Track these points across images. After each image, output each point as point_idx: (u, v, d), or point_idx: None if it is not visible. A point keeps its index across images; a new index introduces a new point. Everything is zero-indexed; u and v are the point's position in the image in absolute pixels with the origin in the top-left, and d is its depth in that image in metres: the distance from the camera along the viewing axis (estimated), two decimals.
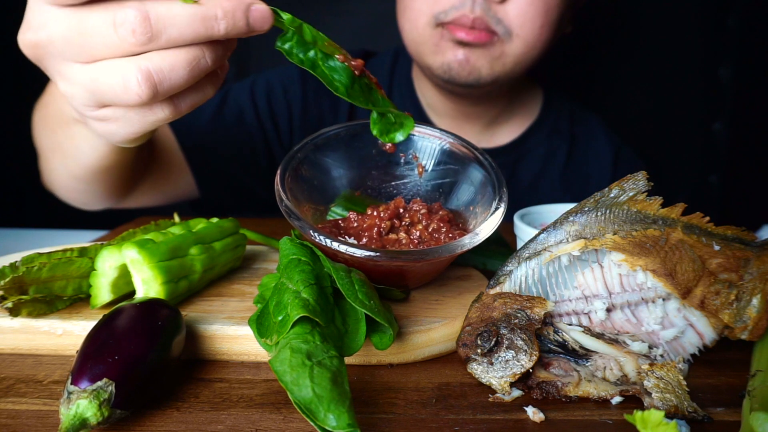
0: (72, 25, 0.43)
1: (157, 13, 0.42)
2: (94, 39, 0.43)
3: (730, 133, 1.71)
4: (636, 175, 0.49)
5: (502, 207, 0.55)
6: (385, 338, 0.45)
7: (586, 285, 0.49)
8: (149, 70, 0.43)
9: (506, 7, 0.86)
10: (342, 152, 0.63)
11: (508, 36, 0.88)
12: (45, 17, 0.44)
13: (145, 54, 0.43)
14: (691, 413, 0.40)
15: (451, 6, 0.86)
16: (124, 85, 0.43)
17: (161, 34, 0.42)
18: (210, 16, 0.43)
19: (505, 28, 0.87)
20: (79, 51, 0.44)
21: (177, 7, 0.42)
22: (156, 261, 0.48)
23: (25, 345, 0.48)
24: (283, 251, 0.49)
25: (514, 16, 0.86)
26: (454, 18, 0.86)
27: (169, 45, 0.43)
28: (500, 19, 0.86)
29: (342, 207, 0.63)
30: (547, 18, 0.89)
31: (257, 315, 0.45)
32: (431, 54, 0.92)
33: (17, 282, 0.47)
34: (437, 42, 0.90)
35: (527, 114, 1.12)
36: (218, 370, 0.46)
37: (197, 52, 0.44)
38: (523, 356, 0.43)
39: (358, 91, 0.54)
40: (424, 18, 0.90)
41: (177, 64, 0.44)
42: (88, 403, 0.35)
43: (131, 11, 0.41)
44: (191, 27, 0.42)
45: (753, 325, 0.46)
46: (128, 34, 0.42)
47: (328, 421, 0.33)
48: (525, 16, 0.87)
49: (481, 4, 0.85)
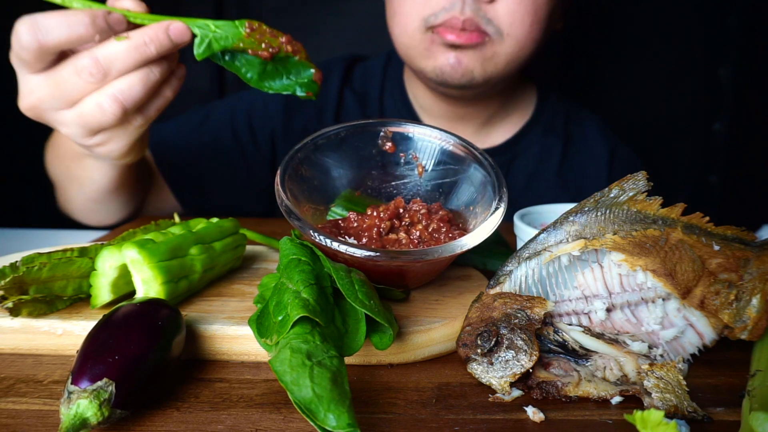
0: (50, 84, 0.58)
1: (103, 55, 0.56)
2: (68, 87, 0.57)
3: (730, 133, 1.71)
4: (636, 175, 0.49)
5: (502, 207, 0.55)
6: (385, 338, 0.45)
7: (586, 285, 0.49)
8: (114, 94, 0.57)
9: (496, 6, 0.86)
10: (342, 152, 0.64)
11: (499, 36, 0.87)
12: (31, 84, 0.59)
13: (107, 85, 0.57)
14: (690, 413, 0.40)
15: (441, 8, 0.86)
16: (101, 110, 0.58)
17: (111, 68, 0.56)
18: (140, 44, 0.56)
19: (495, 28, 0.86)
20: (61, 100, 0.58)
21: (115, 46, 0.56)
22: (156, 261, 0.48)
23: (25, 345, 0.48)
24: (283, 251, 0.49)
25: (504, 16, 0.86)
26: (444, 20, 0.86)
27: (121, 73, 0.57)
28: (490, 20, 0.86)
29: (342, 207, 0.63)
30: (536, 16, 0.88)
31: (257, 315, 0.45)
32: (423, 58, 0.92)
33: (17, 282, 0.47)
34: (428, 46, 0.90)
35: (521, 113, 1.12)
36: (218, 370, 0.46)
37: (144, 70, 0.58)
38: (523, 356, 0.43)
39: (272, 74, 0.61)
40: (414, 22, 0.89)
41: (132, 83, 0.58)
42: (88, 403, 0.35)
43: (85, 59, 0.56)
44: (130, 56, 0.56)
45: (753, 325, 0.46)
46: (88, 76, 0.56)
47: (328, 421, 0.33)
48: (515, 15, 0.86)
49: (471, 5, 0.84)
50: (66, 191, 0.90)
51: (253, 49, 0.60)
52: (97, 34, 0.55)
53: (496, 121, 1.09)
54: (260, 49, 0.60)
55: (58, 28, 0.54)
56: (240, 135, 1.08)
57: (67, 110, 0.59)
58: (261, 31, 0.60)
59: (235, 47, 0.59)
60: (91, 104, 0.58)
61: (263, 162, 1.10)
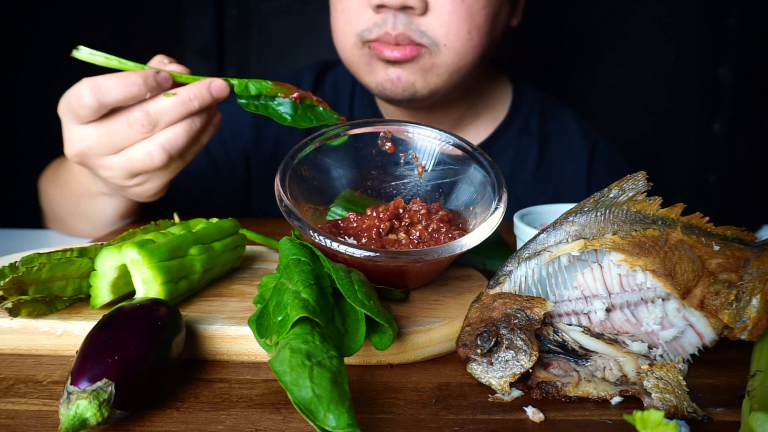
0: (101, 133, 0.65)
1: (154, 109, 0.64)
2: (119, 136, 0.65)
3: (730, 133, 1.71)
4: (635, 175, 0.49)
5: (502, 207, 0.55)
6: (384, 338, 0.45)
7: (586, 285, 0.49)
8: (161, 143, 0.65)
9: (428, 18, 0.83)
10: (342, 152, 0.64)
11: (436, 47, 0.84)
12: (81, 134, 0.66)
13: (155, 134, 0.65)
14: (690, 413, 0.40)
15: (373, 24, 0.84)
16: (150, 157, 0.65)
17: (160, 120, 0.64)
18: (185, 99, 0.64)
19: (430, 39, 0.84)
20: (110, 147, 0.66)
21: (164, 101, 0.64)
22: (156, 261, 0.48)
23: (24, 345, 0.48)
24: (283, 251, 0.49)
25: (438, 27, 0.83)
26: (377, 36, 0.84)
27: (168, 125, 0.65)
28: (424, 32, 0.83)
29: (342, 207, 0.63)
30: (473, 23, 0.85)
31: (257, 315, 0.45)
32: (365, 73, 0.91)
33: (17, 282, 0.47)
34: (368, 61, 0.89)
35: (494, 115, 1.08)
36: (218, 370, 0.46)
37: (188, 121, 0.66)
38: (522, 356, 0.43)
39: (302, 116, 0.69)
40: (350, 39, 0.88)
41: (177, 133, 0.65)
42: (87, 403, 0.35)
43: (137, 113, 0.64)
44: (177, 110, 0.64)
45: (753, 325, 0.46)
46: (140, 127, 0.64)
47: (328, 421, 0.33)
48: (449, 26, 0.83)
49: (403, 20, 0.82)
50: (68, 223, 0.93)
51: (284, 93, 0.68)
52: (148, 93, 0.63)
53: (465, 124, 1.06)
54: (290, 93, 0.68)
55: (116, 88, 0.62)
56: (214, 153, 1.07)
57: (114, 156, 0.67)
58: (284, 85, 0.69)
59: (269, 93, 0.67)
60: (141, 152, 0.65)
61: (236, 178, 1.09)
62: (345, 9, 0.87)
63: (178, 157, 0.68)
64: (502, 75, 1.12)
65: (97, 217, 0.87)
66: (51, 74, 1.68)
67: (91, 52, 0.63)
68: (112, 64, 0.63)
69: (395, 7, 0.81)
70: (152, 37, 1.67)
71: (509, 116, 1.08)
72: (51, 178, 0.95)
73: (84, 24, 1.65)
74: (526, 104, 1.10)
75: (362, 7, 0.85)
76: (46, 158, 1.02)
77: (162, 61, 0.68)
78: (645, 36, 1.68)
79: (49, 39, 1.64)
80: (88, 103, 0.62)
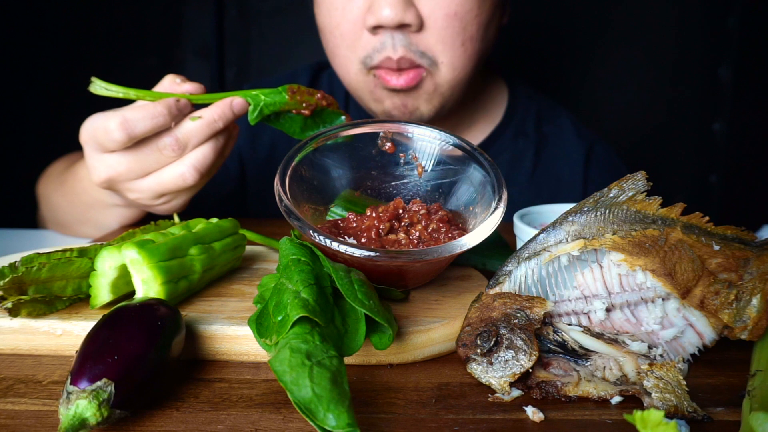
0: (129, 160, 0.68)
1: (182, 133, 0.67)
2: (149, 161, 0.68)
3: (730, 133, 1.71)
4: (635, 175, 0.49)
5: (502, 207, 0.55)
6: (384, 338, 0.45)
7: (586, 285, 0.49)
8: (192, 164, 0.69)
9: (425, 35, 0.83)
10: (342, 152, 0.64)
11: (435, 66, 0.85)
12: (108, 162, 0.68)
13: (185, 156, 0.69)
14: (690, 413, 0.40)
15: (373, 49, 0.84)
16: (183, 179, 0.69)
17: (189, 143, 0.68)
18: (210, 121, 0.68)
19: (429, 59, 0.84)
20: (139, 172, 0.69)
21: (191, 125, 0.68)
22: (156, 261, 0.48)
23: (24, 345, 0.48)
24: (282, 251, 0.49)
25: (435, 43, 0.84)
26: (379, 62, 0.84)
27: (195, 146, 0.69)
28: (423, 52, 0.84)
29: (341, 207, 0.63)
30: (467, 33, 0.85)
31: (257, 315, 0.45)
32: (370, 101, 0.91)
33: (17, 282, 0.47)
34: (372, 89, 0.89)
35: (490, 118, 1.08)
36: (218, 370, 0.46)
37: (214, 140, 0.70)
38: (522, 356, 0.43)
39: (311, 126, 0.74)
40: (353, 66, 0.88)
41: (206, 153, 0.69)
42: (87, 403, 0.35)
43: (167, 139, 0.67)
44: (203, 132, 0.68)
45: (753, 325, 0.46)
46: (170, 152, 0.68)
47: (328, 421, 0.33)
48: (444, 42, 0.84)
49: (401, 40, 0.82)
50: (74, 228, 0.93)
51: (296, 108, 0.72)
52: (173, 121, 0.67)
53: (462, 128, 1.06)
54: (301, 108, 0.72)
55: (143, 121, 0.65)
56: None
57: (142, 180, 0.70)
58: (300, 92, 0.72)
59: (281, 109, 0.71)
60: (173, 174, 0.69)
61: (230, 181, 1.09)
62: (342, 35, 0.87)
63: (206, 174, 0.71)
64: (498, 77, 1.11)
65: (107, 225, 0.88)
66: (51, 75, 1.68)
67: (107, 87, 0.65)
68: (130, 96, 0.66)
69: (392, 27, 0.81)
70: (152, 37, 1.67)
71: (505, 119, 1.08)
72: (54, 184, 0.94)
73: (84, 24, 1.65)
74: (522, 106, 1.10)
75: (359, 30, 0.85)
76: (46, 158, 1.03)
77: (175, 81, 0.70)
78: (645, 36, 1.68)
79: (49, 39, 1.64)
80: (117, 138, 0.65)
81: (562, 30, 1.69)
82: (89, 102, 1.82)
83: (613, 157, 1.11)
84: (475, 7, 0.84)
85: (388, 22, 0.80)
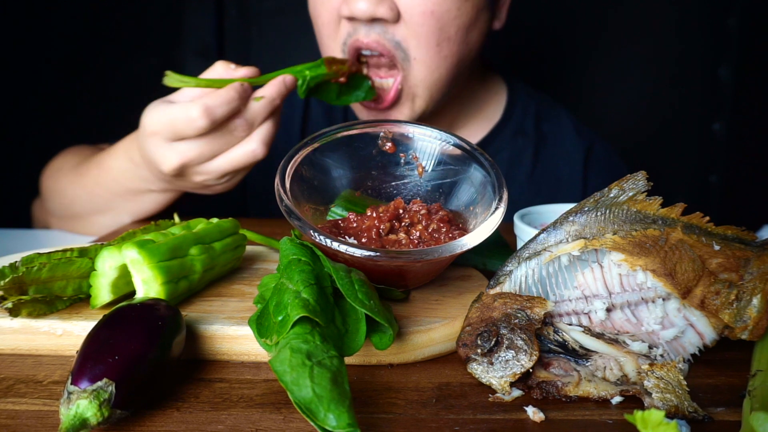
0: (200, 145, 0.73)
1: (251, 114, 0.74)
2: (220, 144, 0.73)
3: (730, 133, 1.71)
4: (636, 175, 0.49)
5: (502, 207, 0.55)
6: (385, 338, 0.45)
7: (586, 285, 0.49)
8: (261, 139, 0.75)
9: (400, 27, 0.83)
10: (342, 152, 0.64)
11: (407, 62, 0.85)
12: (177, 150, 0.73)
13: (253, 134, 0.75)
14: (691, 413, 0.40)
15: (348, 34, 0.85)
16: (254, 154, 0.75)
17: (255, 121, 0.75)
18: (271, 99, 0.75)
19: (403, 52, 0.84)
20: (209, 155, 0.74)
21: (255, 105, 0.74)
22: (156, 261, 0.48)
23: (24, 345, 0.48)
24: (283, 251, 0.49)
25: (409, 37, 0.83)
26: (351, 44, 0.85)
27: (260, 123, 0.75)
28: (398, 42, 0.83)
29: (342, 207, 0.63)
30: (444, 34, 0.84)
31: (257, 315, 0.45)
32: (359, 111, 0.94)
33: (17, 282, 0.47)
34: None
35: (488, 116, 1.07)
36: (218, 370, 0.46)
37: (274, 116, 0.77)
38: (523, 356, 0.43)
39: (345, 92, 0.84)
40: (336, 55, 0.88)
41: (269, 128, 0.76)
42: (88, 403, 0.35)
43: (238, 120, 0.73)
44: (266, 110, 0.75)
45: (753, 325, 0.46)
46: (241, 132, 0.74)
47: (328, 421, 0.33)
48: (419, 38, 0.83)
49: (377, 29, 0.83)
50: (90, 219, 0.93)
51: (334, 78, 0.81)
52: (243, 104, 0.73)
53: (459, 125, 1.05)
54: (338, 77, 0.82)
55: (222, 107, 0.70)
56: None
57: (211, 162, 0.75)
58: (336, 62, 0.81)
59: (322, 80, 0.80)
60: (244, 151, 0.74)
61: None
62: (324, 24, 0.88)
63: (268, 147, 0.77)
64: (496, 76, 1.11)
65: (134, 212, 0.90)
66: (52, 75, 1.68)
67: (181, 78, 0.70)
68: (201, 85, 0.72)
69: (365, 20, 0.82)
70: (152, 36, 1.67)
71: (504, 117, 1.07)
72: (69, 177, 0.94)
73: (85, 25, 1.65)
74: (521, 105, 1.09)
75: (337, 19, 0.85)
76: (47, 159, 1.02)
77: (229, 67, 0.75)
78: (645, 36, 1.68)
79: (49, 40, 1.64)
80: (200, 125, 0.70)
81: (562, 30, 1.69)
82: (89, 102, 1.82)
83: (612, 157, 1.11)
84: (453, 9, 0.83)
85: (361, 15, 0.81)
